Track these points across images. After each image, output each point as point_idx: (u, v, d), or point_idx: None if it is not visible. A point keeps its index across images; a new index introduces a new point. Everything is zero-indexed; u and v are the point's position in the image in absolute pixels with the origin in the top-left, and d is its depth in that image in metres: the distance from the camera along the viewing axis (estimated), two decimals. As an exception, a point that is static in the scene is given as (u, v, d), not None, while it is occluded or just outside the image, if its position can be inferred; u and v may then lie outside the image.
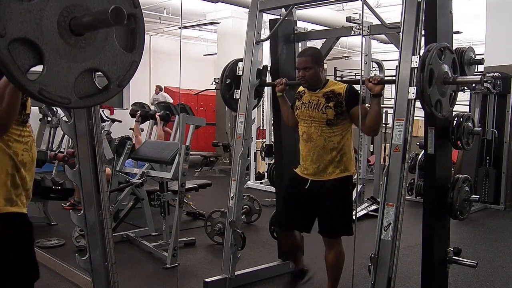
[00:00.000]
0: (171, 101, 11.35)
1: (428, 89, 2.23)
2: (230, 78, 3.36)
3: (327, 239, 2.82)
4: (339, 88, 2.81)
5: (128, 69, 1.25)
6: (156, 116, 6.04)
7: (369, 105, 2.84)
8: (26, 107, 1.59)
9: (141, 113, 6.09)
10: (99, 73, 1.24)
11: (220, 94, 3.45)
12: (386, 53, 11.05)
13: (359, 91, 2.77)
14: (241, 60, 3.33)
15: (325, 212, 2.80)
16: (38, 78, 1.10)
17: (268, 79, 3.60)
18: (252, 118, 3.32)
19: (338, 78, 8.96)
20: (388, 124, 6.85)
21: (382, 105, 5.67)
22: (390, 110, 2.47)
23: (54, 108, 6.71)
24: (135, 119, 6.09)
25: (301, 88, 3.00)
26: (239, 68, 3.33)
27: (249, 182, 7.05)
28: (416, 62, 2.29)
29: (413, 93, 2.29)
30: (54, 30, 1.10)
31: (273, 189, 4.63)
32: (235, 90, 3.34)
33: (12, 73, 1.06)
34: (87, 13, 1.14)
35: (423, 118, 2.66)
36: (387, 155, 2.42)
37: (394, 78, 2.43)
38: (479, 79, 2.49)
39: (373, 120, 2.67)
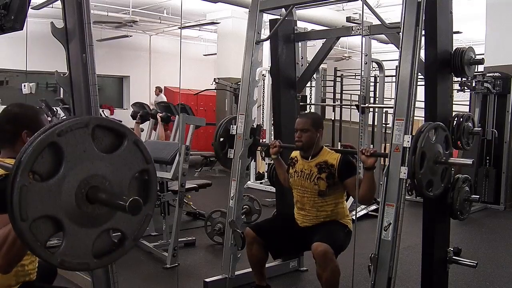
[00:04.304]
0: None
1: (419, 172, 2.24)
2: (223, 137, 3.35)
3: (320, 250, 2.59)
4: (332, 159, 2.83)
5: (143, 223, 1.27)
6: (158, 116, 6.02)
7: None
8: None
9: (142, 113, 6.08)
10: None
11: (214, 152, 3.46)
12: (386, 53, 11.03)
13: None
14: (234, 118, 3.33)
15: (318, 232, 2.75)
16: (58, 249, 1.12)
17: (269, 81, 3.59)
18: (252, 118, 3.32)
19: (338, 78, 8.95)
20: (388, 124, 6.84)
21: (382, 105, 5.62)
22: (390, 110, 2.47)
23: (53, 108, 6.72)
24: (135, 120, 6.08)
25: (293, 154, 3.01)
26: (232, 127, 3.31)
27: (249, 182, 7.04)
28: (408, 141, 2.27)
29: (404, 173, 2.28)
30: (72, 202, 1.12)
31: (273, 189, 4.63)
32: (229, 150, 3.31)
33: (35, 250, 1.09)
34: (104, 189, 1.15)
35: (423, 118, 2.66)
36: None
37: (387, 152, 2.42)
38: (471, 162, 2.44)
39: (366, 192, 2.67)
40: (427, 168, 2.29)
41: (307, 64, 3.88)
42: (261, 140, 3.36)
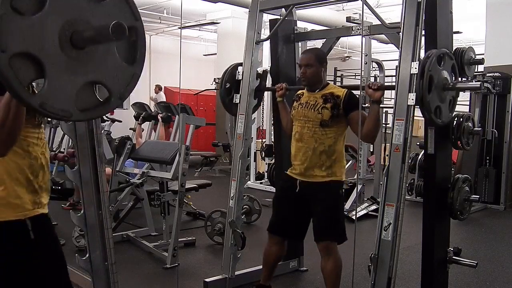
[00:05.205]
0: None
1: (427, 96, 2.23)
2: (229, 83, 3.34)
3: (323, 245, 2.71)
4: (338, 91, 2.78)
5: (129, 81, 1.25)
6: (158, 117, 6.04)
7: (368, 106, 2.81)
8: None
9: (144, 115, 6.09)
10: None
11: (220, 99, 3.44)
12: (386, 53, 11.03)
13: (359, 95, 2.75)
14: (240, 64, 3.31)
15: (317, 218, 2.76)
16: (39, 92, 1.10)
17: (269, 81, 3.60)
18: (252, 118, 3.32)
19: (338, 78, 8.96)
20: (388, 124, 6.85)
21: (382, 105, 5.65)
22: (390, 110, 2.47)
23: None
24: (137, 121, 6.09)
25: (300, 91, 2.97)
26: (238, 72, 3.31)
27: (249, 182, 7.04)
28: (415, 68, 2.28)
29: (412, 99, 2.28)
30: (55, 43, 1.10)
31: (273, 189, 4.63)
32: (235, 95, 3.32)
33: (14, 88, 1.06)
34: (88, 27, 1.14)
35: (423, 118, 2.66)
36: (387, 155, 2.42)
37: (394, 84, 2.41)
38: (479, 85, 2.49)
39: (371, 127, 2.62)
40: (435, 94, 2.27)
41: (307, 64, 3.87)
42: (261, 140, 3.36)
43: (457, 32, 6.58)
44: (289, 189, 2.87)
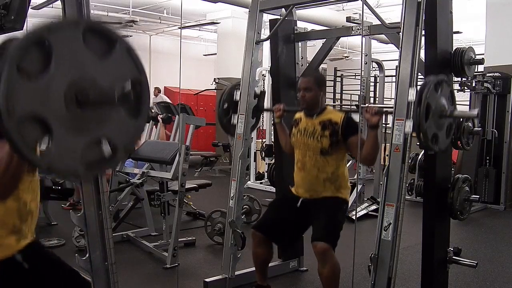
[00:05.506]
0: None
1: (424, 124, 2.22)
2: (227, 103, 3.32)
3: (319, 247, 2.63)
4: (336, 117, 2.78)
5: (134, 134, 1.25)
6: (158, 118, 6.04)
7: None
8: None
9: None
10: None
11: (218, 119, 3.43)
12: (386, 53, 11.02)
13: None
14: (238, 84, 3.31)
15: (317, 220, 2.75)
16: (46, 152, 1.09)
17: (269, 81, 3.59)
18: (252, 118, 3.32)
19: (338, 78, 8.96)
20: (388, 124, 6.84)
21: (382, 105, 5.65)
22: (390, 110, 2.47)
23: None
24: None
25: (297, 115, 2.97)
26: (236, 92, 3.29)
27: (249, 182, 7.04)
28: (413, 95, 2.27)
29: (410, 126, 2.27)
30: (61, 104, 1.09)
31: (273, 189, 4.63)
32: (233, 115, 3.30)
33: (22, 151, 1.06)
34: (93, 86, 1.13)
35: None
36: (387, 155, 2.41)
37: (391, 109, 2.40)
38: (476, 114, 2.48)
39: (369, 151, 2.63)
40: (432, 121, 2.26)
41: (307, 64, 3.88)
42: (261, 140, 3.36)
43: (457, 32, 6.57)
44: (291, 199, 2.89)
